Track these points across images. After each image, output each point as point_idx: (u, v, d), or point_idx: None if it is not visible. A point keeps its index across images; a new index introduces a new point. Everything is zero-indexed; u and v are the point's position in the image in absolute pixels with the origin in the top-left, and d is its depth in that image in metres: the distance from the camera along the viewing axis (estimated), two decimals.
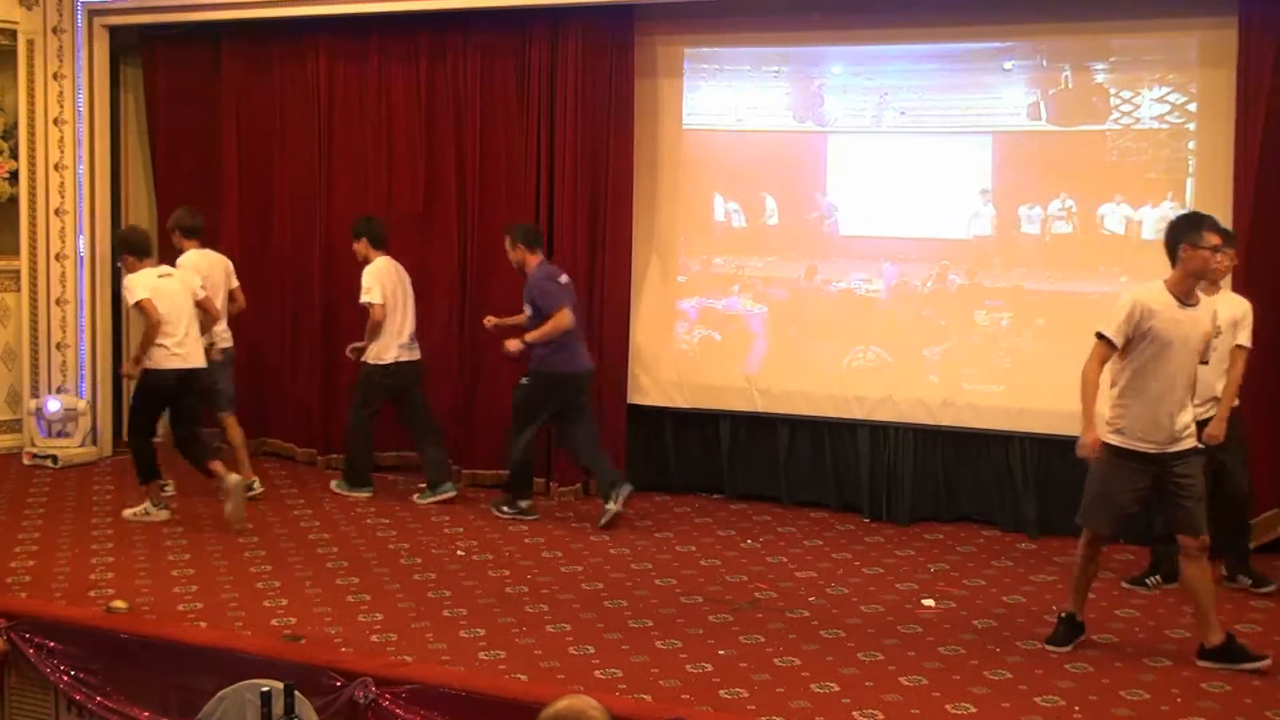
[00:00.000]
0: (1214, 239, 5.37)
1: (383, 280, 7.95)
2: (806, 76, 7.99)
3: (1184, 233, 5.36)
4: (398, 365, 7.97)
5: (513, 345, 7.54)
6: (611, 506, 7.49)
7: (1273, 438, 7.02)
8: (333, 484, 8.26)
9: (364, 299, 7.92)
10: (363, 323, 8.08)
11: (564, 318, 7.43)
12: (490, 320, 7.89)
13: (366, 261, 8.03)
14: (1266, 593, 6.33)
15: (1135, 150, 7.29)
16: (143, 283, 7.34)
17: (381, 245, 8.10)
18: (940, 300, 7.72)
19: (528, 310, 7.58)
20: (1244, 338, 6.10)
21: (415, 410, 8.09)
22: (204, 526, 7.43)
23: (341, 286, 8.84)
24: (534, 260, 7.64)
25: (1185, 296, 5.36)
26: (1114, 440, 5.45)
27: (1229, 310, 6.04)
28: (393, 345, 7.96)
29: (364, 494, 8.12)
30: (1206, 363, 5.59)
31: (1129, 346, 5.37)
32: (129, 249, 7.60)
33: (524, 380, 7.65)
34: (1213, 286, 5.95)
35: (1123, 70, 7.29)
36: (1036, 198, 7.52)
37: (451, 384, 8.52)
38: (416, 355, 8.09)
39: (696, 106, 8.22)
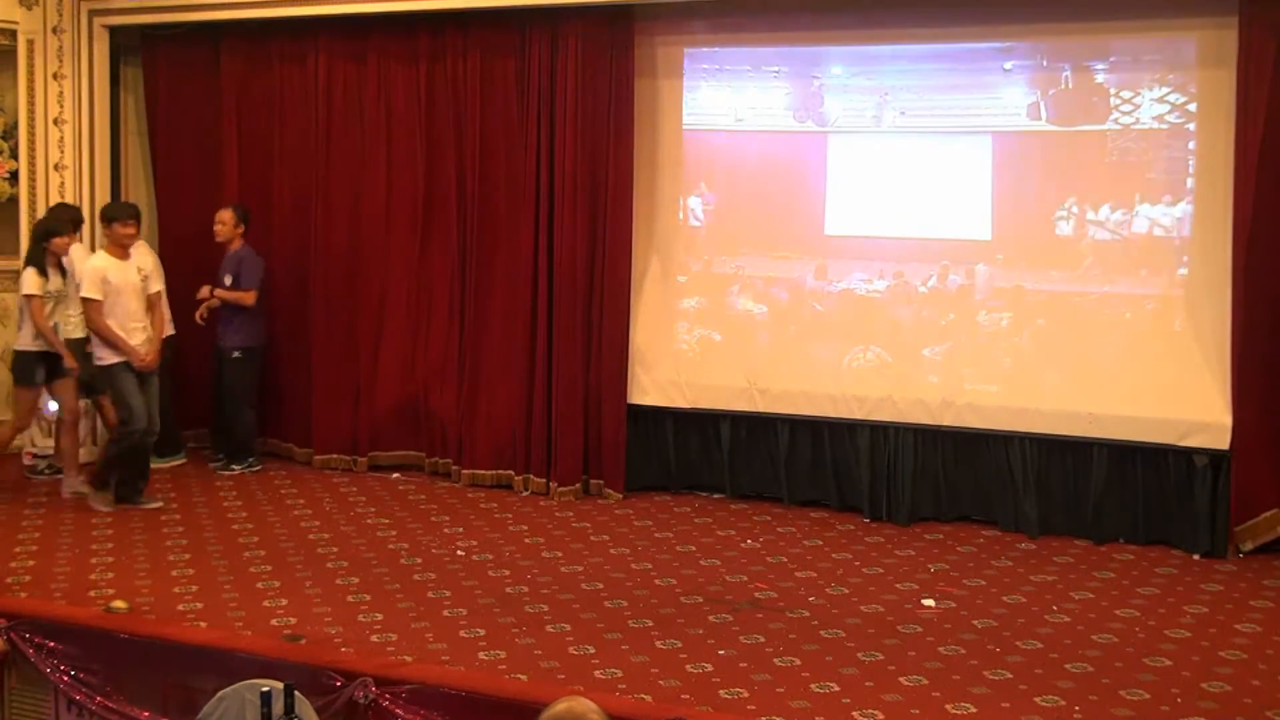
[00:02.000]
0: None
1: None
2: (806, 76, 7.98)
3: None
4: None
5: (204, 310, 8.67)
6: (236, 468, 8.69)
7: (1272, 438, 7.03)
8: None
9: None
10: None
11: (252, 296, 8.62)
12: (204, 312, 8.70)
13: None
14: None
15: (1135, 150, 7.29)
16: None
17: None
18: (940, 300, 7.72)
19: (228, 279, 8.64)
20: None
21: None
22: (204, 526, 7.43)
23: (341, 287, 8.86)
24: (239, 238, 8.76)
25: None
26: None
27: None
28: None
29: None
30: None
31: None
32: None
33: (236, 354, 8.66)
34: None
35: (1123, 70, 7.29)
36: (1036, 198, 7.52)
37: (452, 384, 8.53)
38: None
39: (696, 106, 8.22)
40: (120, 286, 7.66)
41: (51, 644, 5.62)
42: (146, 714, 5.42)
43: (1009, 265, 7.56)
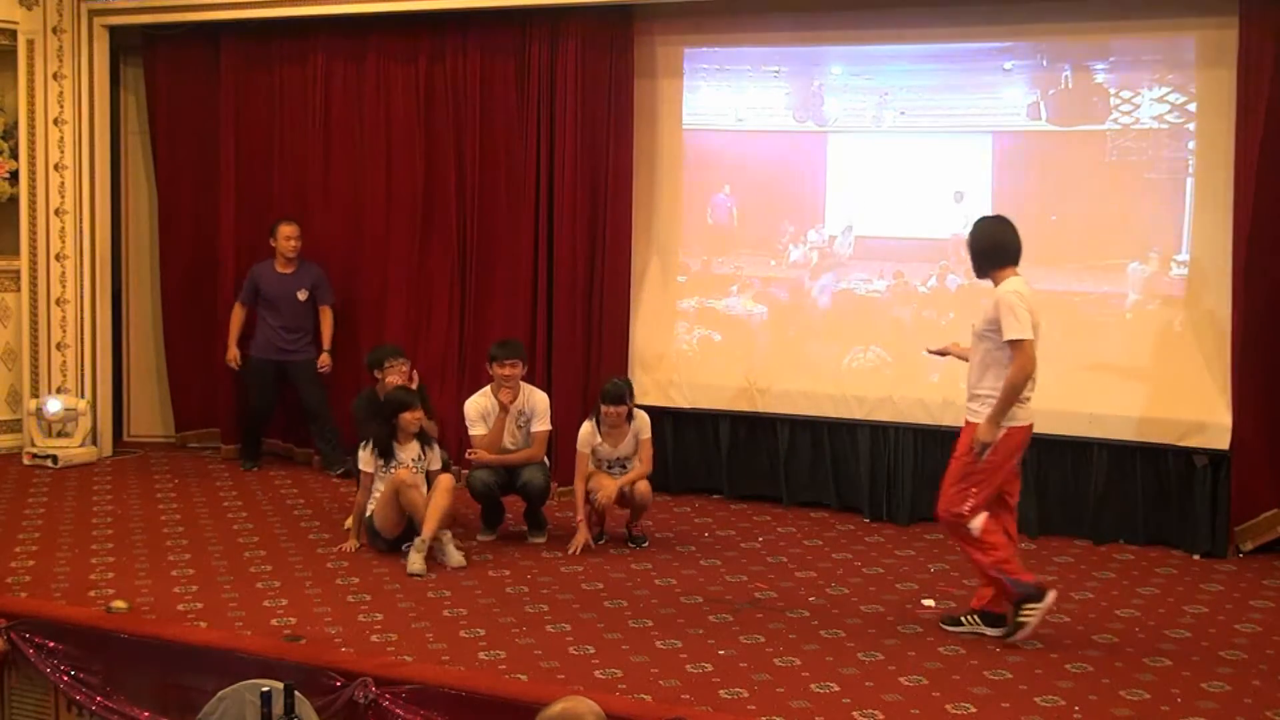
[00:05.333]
0: None
1: None
2: (806, 76, 7.98)
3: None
4: None
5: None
6: None
7: (1272, 438, 7.03)
8: None
9: None
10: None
11: None
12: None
13: None
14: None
15: (1135, 150, 7.28)
16: None
17: None
18: (940, 300, 7.71)
19: (303, 294, 8.69)
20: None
21: None
22: (204, 526, 7.43)
23: (341, 286, 8.86)
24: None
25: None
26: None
27: None
28: None
29: None
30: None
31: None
32: None
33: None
34: None
35: (1123, 70, 7.29)
36: (1036, 197, 7.51)
37: (452, 383, 8.53)
38: None
39: (696, 106, 8.22)
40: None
41: (51, 644, 5.63)
42: (146, 714, 5.42)
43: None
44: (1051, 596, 5.59)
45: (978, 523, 5.58)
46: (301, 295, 8.66)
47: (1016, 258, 5.73)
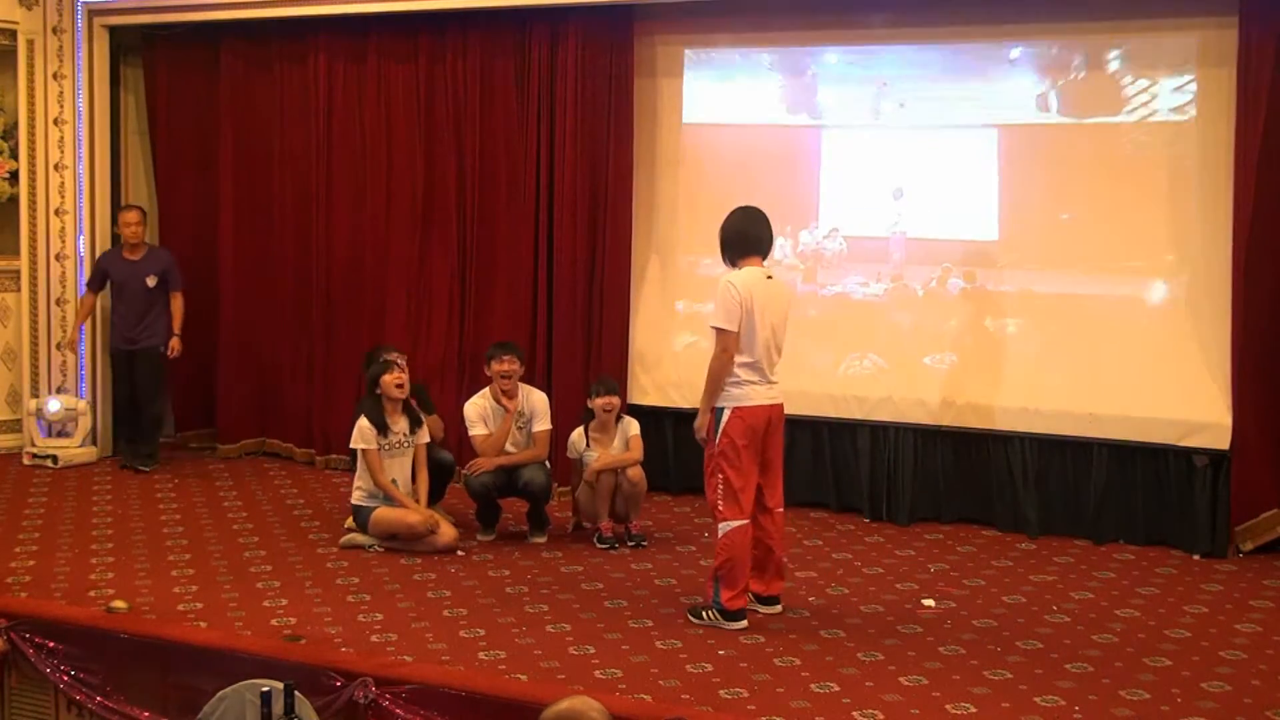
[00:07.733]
0: None
1: None
2: (807, 75, 7.97)
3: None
4: None
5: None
6: None
7: (1272, 438, 7.03)
8: None
9: None
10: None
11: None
12: None
13: None
14: None
15: (1136, 149, 7.27)
16: None
17: None
18: (941, 303, 7.69)
19: (152, 280, 8.67)
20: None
21: None
22: (204, 526, 7.43)
23: (341, 286, 8.86)
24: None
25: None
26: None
27: None
28: None
29: None
30: None
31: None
32: None
33: (163, 350, 8.71)
34: None
35: (1122, 70, 7.28)
36: (1042, 195, 7.49)
37: (453, 383, 8.53)
38: None
39: (696, 105, 8.21)
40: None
41: (51, 644, 5.63)
42: (146, 714, 5.42)
43: (1015, 266, 7.52)
44: (737, 626, 5.75)
45: (724, 527, 5.79)
46: (150, 281, 8.70)
47: (760, 248, 5.94)
